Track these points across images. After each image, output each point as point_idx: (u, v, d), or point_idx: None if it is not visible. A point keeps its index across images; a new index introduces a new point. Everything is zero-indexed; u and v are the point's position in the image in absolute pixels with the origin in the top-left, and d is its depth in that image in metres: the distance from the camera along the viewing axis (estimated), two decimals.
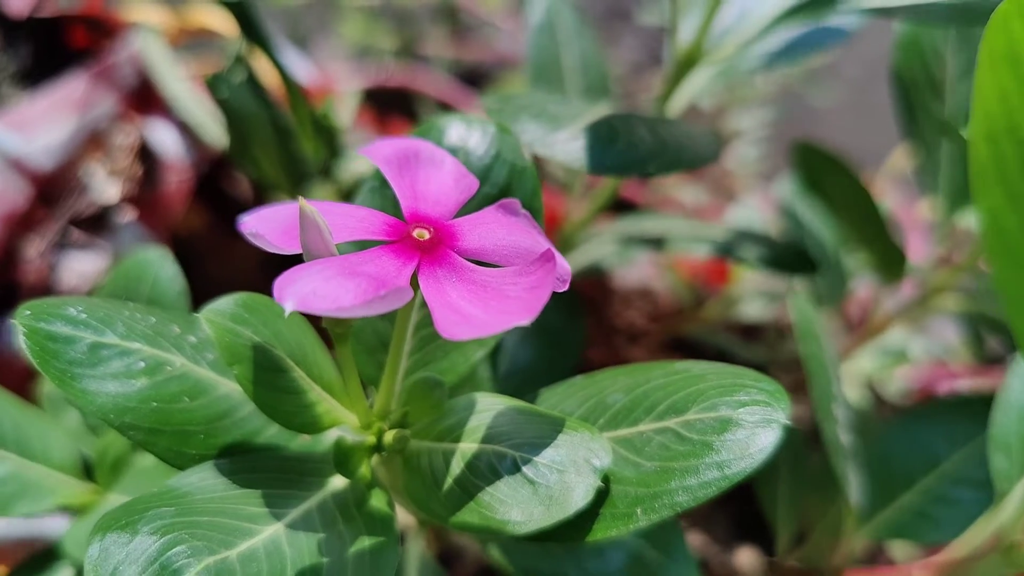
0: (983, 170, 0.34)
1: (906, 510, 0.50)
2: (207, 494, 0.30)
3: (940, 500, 0.49)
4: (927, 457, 0.51)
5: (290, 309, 0.24)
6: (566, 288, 0.29)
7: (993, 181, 0.34)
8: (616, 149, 0.41)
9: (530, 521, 0.28)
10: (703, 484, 0.28)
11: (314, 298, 0.24)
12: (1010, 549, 0.38)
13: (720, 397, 0.30)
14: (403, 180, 0.31)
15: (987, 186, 0.34)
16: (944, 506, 0.49)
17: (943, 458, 0.51)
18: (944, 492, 0.49)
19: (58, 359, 0.31)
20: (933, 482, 0.50)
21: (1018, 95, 0.32)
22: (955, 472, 0.50)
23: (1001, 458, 0.43)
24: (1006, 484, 0.42)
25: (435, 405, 0.32)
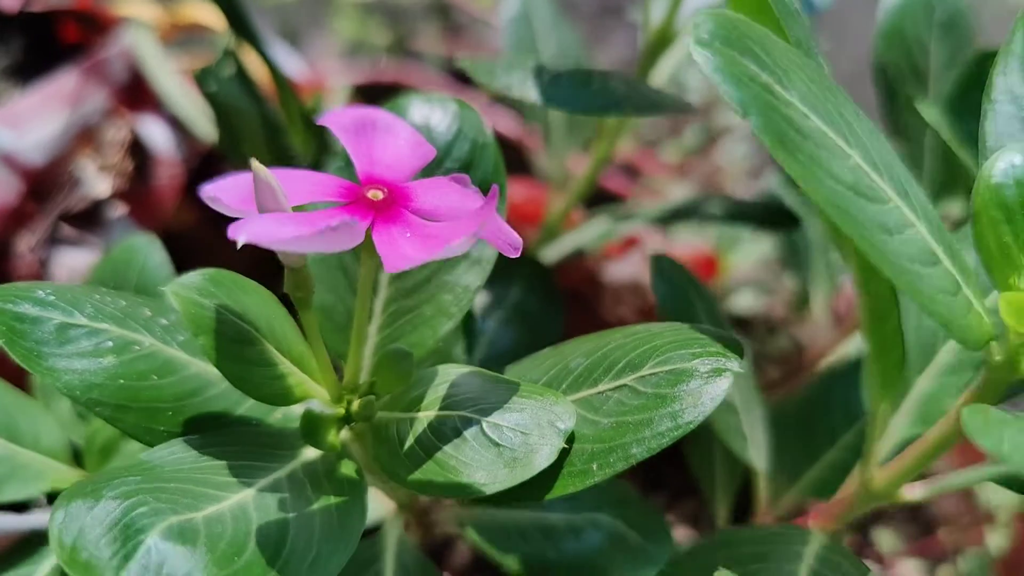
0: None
1: (829, 467, 0.49)
2: (176, 466, 0.30)
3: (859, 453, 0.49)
4: (849, 413, 0.51)
5: (243, 241, 0.24)
6: (519, 254, 0.29)
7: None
8: (590, 92, 0.42)
9: (494, 482, 0.29)
10: (657, 435, 0.29)
11: (267, 233, 0.25)
12: (868, 481, 0.38)
13: (674, 351, 0.31)
14: (359, 146, 0.31)
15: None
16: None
17: (861, 413, 0.51)
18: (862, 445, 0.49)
19: (25, 338, 0.31)
20: (853, 437, 0.50)
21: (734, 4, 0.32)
22: None
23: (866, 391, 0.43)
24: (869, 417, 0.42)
25: (403, 376, 0.32)
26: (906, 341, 0.35)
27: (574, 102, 0.41)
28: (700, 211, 0.56)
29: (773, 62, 0.28)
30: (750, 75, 0.27)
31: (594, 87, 0.42)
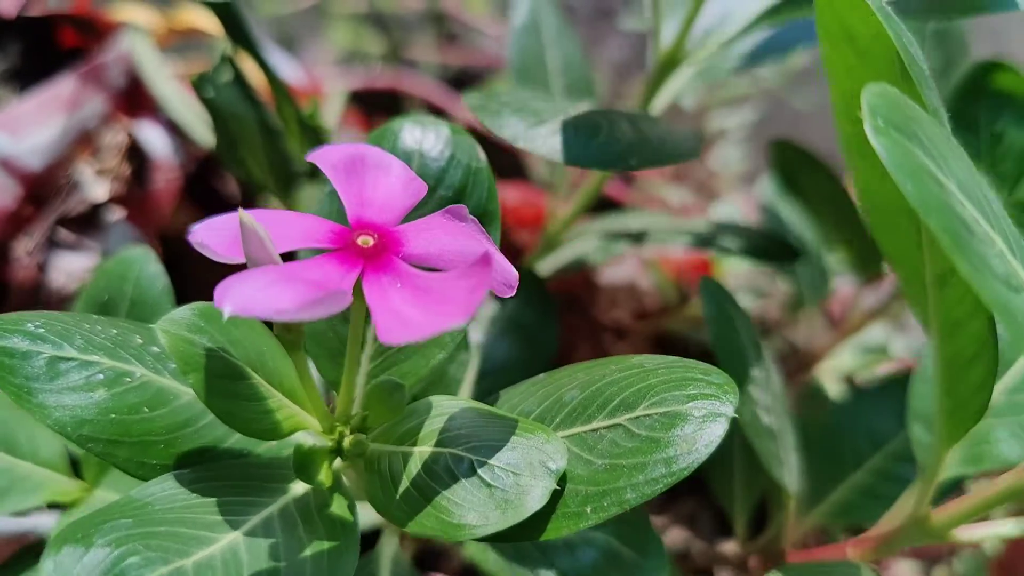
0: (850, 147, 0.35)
1: (854, 490, 0.50)
2: (167, 504, 0.30)
3: (887, 478, 0.50)
4: (875, 436, 0.52)
5: (228, 314, 0.24)
6: (512, 294, 0.29)
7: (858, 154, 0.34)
8: (598, 142, 0.41)
9: (486, 525, 0.28)
10: (650, 481, 0.29)
11: (252, 302, 0.24)
12: (922, 521, 0.39)
13: (669, 391, 0.30)
14: (350, 186, 0.31)
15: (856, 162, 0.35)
16: (891, 484, 0.49)
17: (890, 436, 0.51)
18: (891, 470, 0.50)
19: (15, 375, 0.31)
20: (880, 461, 0.50)
21: (862, 69, 0.33)
22: (900, 449, 0.51)
23: (920, 429, 0.44)
24: (925, 455, 0.43)
25: (394, 408, 0.32)
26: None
27: (583, 157, 0.41)
28: (715, 242, 0.56)
29: (933, 146, 0.27)
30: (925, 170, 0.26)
31: (601, 137, 0.41)
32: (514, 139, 0.41)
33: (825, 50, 0.34)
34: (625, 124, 0.44)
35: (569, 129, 0.41)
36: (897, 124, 0.26)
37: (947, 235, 0.25)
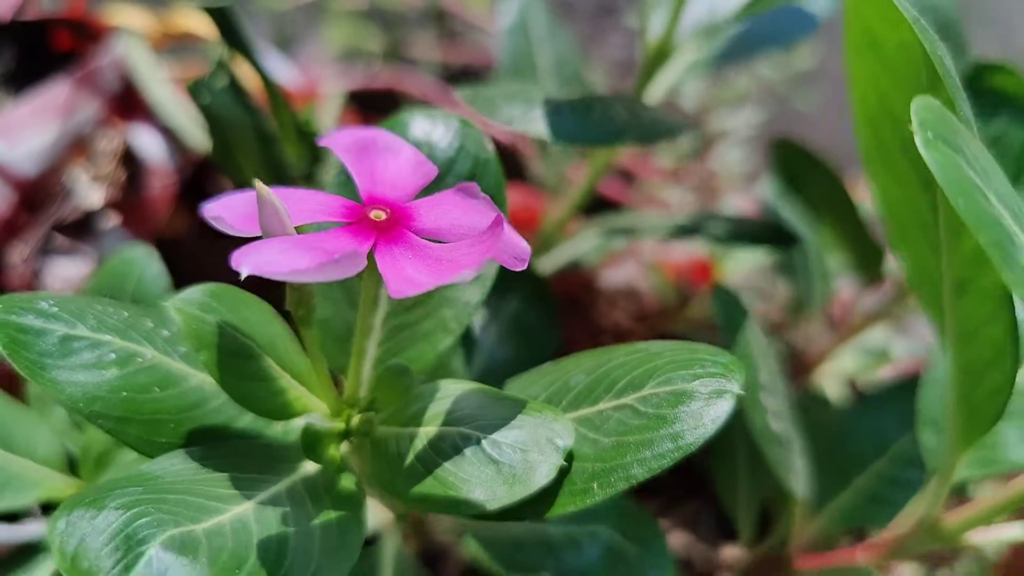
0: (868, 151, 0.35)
1: (861, 494, 0.50)
2: (177, 477, 0.30)
3: (892, 482, 0.50)
4: (880, 440, 0.51)
5: (246, 273, 0.24)
6: (524, 267, 0.29)
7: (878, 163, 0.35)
8: (591, 120, 0.42)
9: (493, 499, 0.28)
10: (657, 456, 0.29)
11: (269, 264, 0.25)
12: (934, 525, 0.39)
13: (676, 371, 0.31)
14: (362, 166, 0.31)
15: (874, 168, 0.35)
16: (896, 487, 0.49)
17: (894, 440, 0.51)
18: (895, 474, 0.50)
19: (28, 350, 0.31)
20: (885, 464, 0.50)
21: (885, 77, 0.33)
22: (905, 453, 0.51)
23: (929, 434, 0.44)
24: (934, 460, 0.43)
25: (403, 391, 0.32)
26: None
27: (577, 135, 0.41)
28: (702, 230, 0.56)
29: (975, 160, 0.27)
30: (973, 184, 0.26)
31: (595, 116, 0.41)
32: (509, 122, 0.41)
33: (849, 57, 0.34)
34: (619, 106, 0.44)
35: (562, 109, 0.42)
36: (945, 138, 0.26)
37: (996, 249, 0.25)
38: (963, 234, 0.32)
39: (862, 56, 0.33)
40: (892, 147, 0.34)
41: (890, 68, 0.32)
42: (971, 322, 0.33)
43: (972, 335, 0.33)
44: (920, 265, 0.35)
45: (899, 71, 0.32)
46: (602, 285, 0.78)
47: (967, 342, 0.34)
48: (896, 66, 0.32)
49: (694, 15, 0.52)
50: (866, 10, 0.32)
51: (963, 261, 0.32)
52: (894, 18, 0.30)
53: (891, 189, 0.35)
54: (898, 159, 0.34)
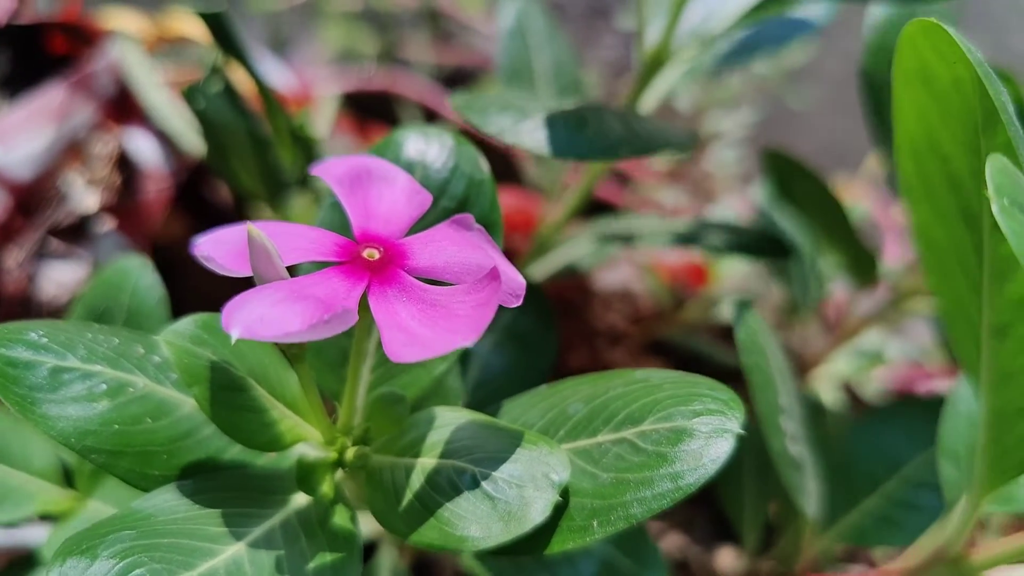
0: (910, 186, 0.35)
1: (869, 514, 0.50)
2: (169, 515, 0.30)
3: (902, 504, 0.49)
4: (889, 460, 0.51)
5: (236, 336, 0.24)
6: (519, 303, 0.29)
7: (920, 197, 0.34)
8: (585, 135, 0.41)
9: (489, 537, 0.28)
10: (657, 496, 0.29)
11: (260, 324, 0.24)
12: (957, 560, 0.39)
13: (676, 407, 0.30)
14: (355, 199, 0.31)
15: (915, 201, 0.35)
16: (906, 510, 0.49)
17: (905, 461, 0.51)
18: (906, 496, 0.50)
19: (18, 385, 0.31)
20: (895, 486, 0.50)
21: (935, 112, 0.33)
22: (916, 476, 0.50)
23: (949, 467, 0.44)
24: (954, 493, 0.43)
25: (396, 420, 0.32)
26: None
27: (570, 149, 0.40)
28: (699, 239, 0.56)
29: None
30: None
31: (589, 130, 0.41)
32: (500, 134, 0.40)
33: (896, 86, 0.34)
34: (613, 119, 0.44)
35: (556, 122, 0.41)
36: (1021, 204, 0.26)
37: None
38: (1009, 279, 0.31)
39: (911, 88, 0.33)
40: (936, 182, 0.34)
41: (941, 103, 0.32)
42: (1008, 367, 0.33)
43: (1008, 380, 0.33)
44: (957, 304, 0.35)
45: (950, 107, 0.32)
46: (597, 287, 0.78)
47: (1002, 387, 0.34)
48: (948, 102, 0.32)
49: (690, 21, 0.51)
50: (922, 42, 0.31)
51: (1006, 305, 0.32)
52: (951, 54, 0.30)
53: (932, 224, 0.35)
54: (942, 194, 0.34)
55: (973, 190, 0.32)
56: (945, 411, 0.46)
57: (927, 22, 0.31)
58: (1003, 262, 0.31)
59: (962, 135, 0.32)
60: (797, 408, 0.49)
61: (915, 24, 0.32)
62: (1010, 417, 0.34)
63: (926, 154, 0.34)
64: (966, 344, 0.35)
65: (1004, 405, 0.34)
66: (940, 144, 0.33)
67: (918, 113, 0.33)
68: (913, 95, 0.33)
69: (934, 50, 0.31)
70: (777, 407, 0.44)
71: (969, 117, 0.31)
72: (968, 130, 0.31)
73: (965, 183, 0.33)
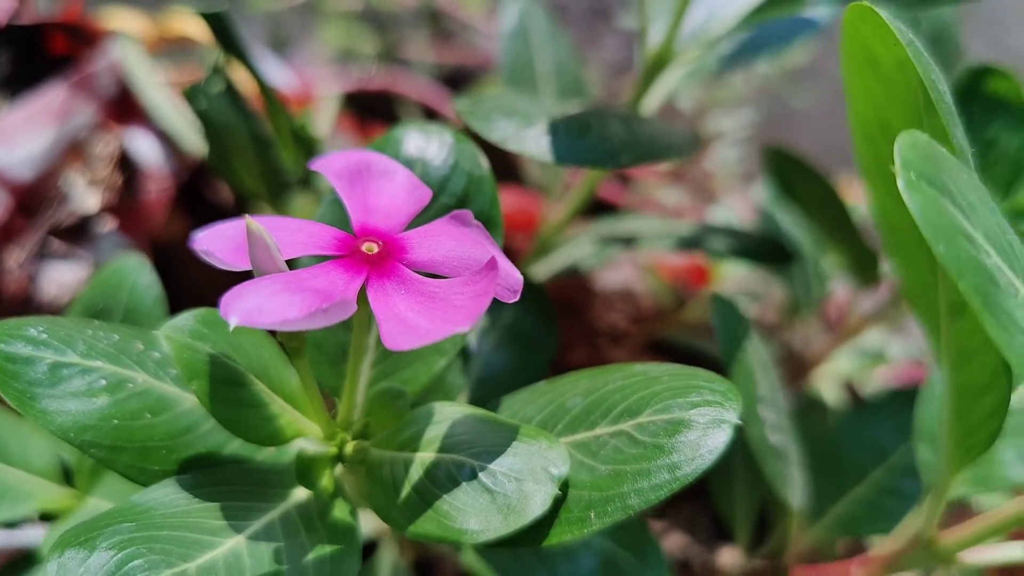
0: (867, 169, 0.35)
1: (858, 503, 0.50)
2: (169, 509, 0.30)
3: (889, 492, 0.50)
4: (877, 450, 0.51)
5: (234, 324, 0.24)
6: (516, 299, 0.29)
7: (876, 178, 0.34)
8: (588, 141, 0.41)
9: (488, 530, 0.28)
10: (654, 487, 0.29)
11: (258, 313, 0.24)
12: (930, 542, 0.39)
13: (673, 399, 0.30)
14: (354, 194, 0.31)
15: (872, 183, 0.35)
16: (893, 498, 0.49)
17: (891, 450, 0.51)
18: (893, 484, 0.50)
19: (18, 380, 0.31)
20: (882, 474, 0.50)
21: (882, 94, 0.33)
22: (902, 463, 0.51)
23: (925, 450, 0.44)
24: (931, 476, 0.43)
25: (396, 415, 0.32)
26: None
27: (572, 156, 0.40)
28: (702, 244, 0.56)
29: (961, 196, 0.27)
30: (956, 228, 0.26)
31: (592, 136, 0.41)
32: (503, 141, 0.40)
33: (846, 72, 0.34)
34: (615, 123, 0.44)
35: (559, 128, 0.41)
36: (929, 177, 0.26)
37: (977, 296, 0.25)
38: None
39: (860, 72, 0.33)
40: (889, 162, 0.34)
41: (887, 86, 0.32)
42: (967, 345, 0.33)
43: (967, 358, 0.33)
44: (917, 281, 0.35)
45: (896, 89, 0.32)
46: (598, 287, 0.78)
47: (962, 365, 0.34)
48: (893, 84, 0.32)
49: (693, 22, 0.51)
50: (864, 28, 0.32)
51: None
52: (891, 38, 0.30)
53: (888, 204, 0.35)
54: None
55: None
56: (921, 395, 0.46)
57: (864, 7, 0.31)
58: None
59: (910, 115, 0.32)
60: (780, 399, 0.49)
61: (854, 9, 0.32)
62: (972, 395, 0.34)
63: (878, 136, 0.34)
64: (928, 324, 0.35)
65: (965, 383, 0.34)
66: (890, 125, 0.33)
67: (867, 95, 0.34)
68: (861, 78, 0.33)
69: (876, 34, 0.31)
70: (754, 396, 0.44)
71: (914, 98, 0.31)
72: (914, 110, 0.31)
73: None
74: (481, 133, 0.40)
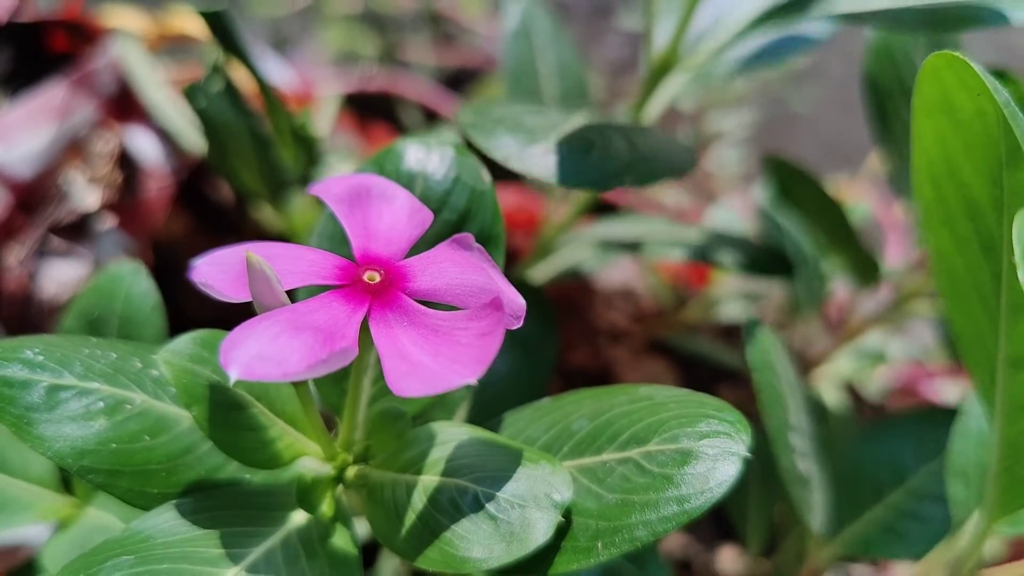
0: (929, 212, 0.35)
1: (874, 525, 0.50)
2: (168, 537, 0.29)
3: (908, 516, 0.49)
4: (896, 470, 0.51)
5: (234, 378, 0.24)
6: (520, 324, 0.28)
7: (939, 223, 0.34)
8: (591, 162, 0.41)
9: (491, 558, 0.28)
10: (662, 519, 0.28)
11: (259, 363, 0.24)
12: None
13: (682, 428, 0.30)
14: (354, 219, 0.31)
15: (933, 227, 0.35)
16: (912, 522, 0.49)
17: (911, 472, 0.51)
18: (912, 508, 0.50)
19: (14, 405, 0.30)
20: (901, 497, 0.50)
21: (956, 141, 0.33)
22: (923, 487, 0.50)
23: (959, 486, 0.44)
24: (963, 512, 0.43)
25: (397, 436, 0.32)
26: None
27: (576, 178, 0.40)
28: (705, 253, 0.56)
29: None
30: None
31: (595, 156, 0.41)
32: (506, 160, 0.40)
33: (917, 116, 0.34)
34: (619, 140, 0.43)
35: (562, 148, 0.41)
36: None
37: None
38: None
39: (933, 117, 0.33)
40: (955, 211, 0.34)
41: (963, 133, 0.32)
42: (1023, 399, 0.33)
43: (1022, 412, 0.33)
44: (973, 330, 0.35)
45: (973, 137, 0.32)
46: (599, 286, 0.78)
47: (1017, 418, 0.33)
48: (970, 132, 0.32)
49: (699, 26, 0.51)
50: (945, 73, 0.31)
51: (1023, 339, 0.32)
52: (975, 86, 0.30)
53: (950, 251, 0.34)
54: (960, 223, 0.34)
55: (993, 219, 0.32)
56: (955, 429, 0.45)
57: (953, 56, 0.31)
58: (1022, 296, 0.31)
59: (983, 165, 0.32)
60: (806, 422, 0.48)
61: (939, 57, 0.31)
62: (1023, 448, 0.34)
63: (945, 181, 0.34)
64: (981, 371, 0.35)
65: (1018, 436, 0.34)
66: (960, 172, 0.33)
67: (939, 141, 0.33)
68: (935, 124, 0.33)
69: (958, 81, 0.31)
70: (786, 424, 0.44)
71: (992, 148, 0.31)
72: (990, 161, 0.31)
73: (985, 212, 0.33)
74: (484, 151, 0.40)
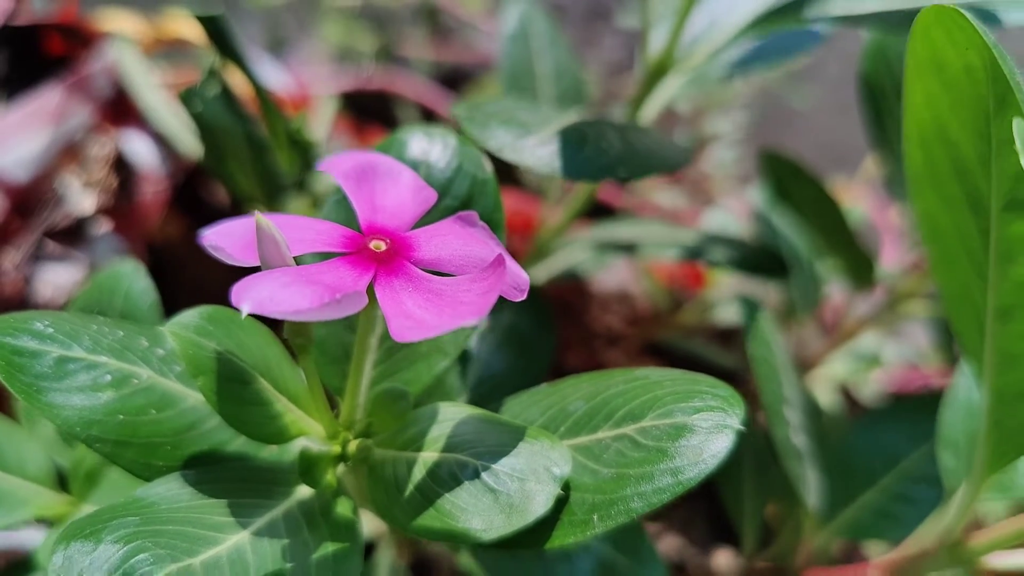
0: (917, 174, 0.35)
1: (867, 509, 0.50)
2: (173, 504, 0.30)
3: (900, 498, 0.50)
4: (888, 455, 0.52)
5: (246, 312, 0.24)
6: (523, 297, 0.29)
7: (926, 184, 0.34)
8: (585, 154, 0.41)
9: (491, 529, 0.28)
10: (657, 490, 0.29)
11: (270, 302, 0.24)
12: (955, 546, 0.39)
13: (676, 403, 0.30)
14: (361, 193, 0.31)
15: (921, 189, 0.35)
16: (904, 504, 0.49)
17: (903, 456, 0.51)
18: (904, 490, 0.50)
19: (24, 373, 0.31)
20: (893, 480, 0.51)
21: (945, 100, 0.33)
22: (915, 470, 0.51)
23: (949, 456, 0.44)
24: (953, 481, 0.43)
25: (399, 415, 0.32)
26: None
27: (569, 168, 0.40)
28: (702, 254, 0.56)
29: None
30: None
31: (588, 150, 0.41)
32: (500, 150, 0.40)
33: (908, 78, 0.34)
34: (613, 135, 0.44)
35: (557, 140, 0.41)
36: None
37: None
38: (1015, 260, 0.32)
39: (923, 77, 0.33)
40: (943, 170, 0.34)
41: (951, 91, 0.32)
42: (1012, 349, 0.33)
43: (1011, 363, 0.33)
44: (961, 289, 0.35)
45: (961, 94, 0.32)
46: (595, 289, 0.78)
47: (1006, 369, 0.34)
48: (958, 89, 0.32)
49: (695, 28, 0.51)
50: (936, 31, 0.31)
51: (1011, 287, 0.32)
52: (963, 42, 0.30)
53: (937, 212, 0.35)
54: (948, 182, 0.34)
55: (981, 176, 0.32)
56: (944, 401, 0.46)
57: (945, 8, 0.31)
58: (1010, 243, 0.31)
59: (971, 122, 0.32)
60: (801, 401, 0.49)
61: (930, 12, 0.32)
62: (1012, 400, 0.34)
63: (934, 142, 0.34)
64: (969, 329, 0.35)
65: (1007, 388, 0.34)
66: (948, 131, 0.33)
67: (928, 101, 0.34)
68: (924, 84, 0.33)
69: (947, 38, 0.31)
70: (781, 397, 0.44)
71: (979, 104, 0.31)
72: (978, 117, 0.31)
73: (973, 169, 0.33)
74: (478, 141, 0.40)
